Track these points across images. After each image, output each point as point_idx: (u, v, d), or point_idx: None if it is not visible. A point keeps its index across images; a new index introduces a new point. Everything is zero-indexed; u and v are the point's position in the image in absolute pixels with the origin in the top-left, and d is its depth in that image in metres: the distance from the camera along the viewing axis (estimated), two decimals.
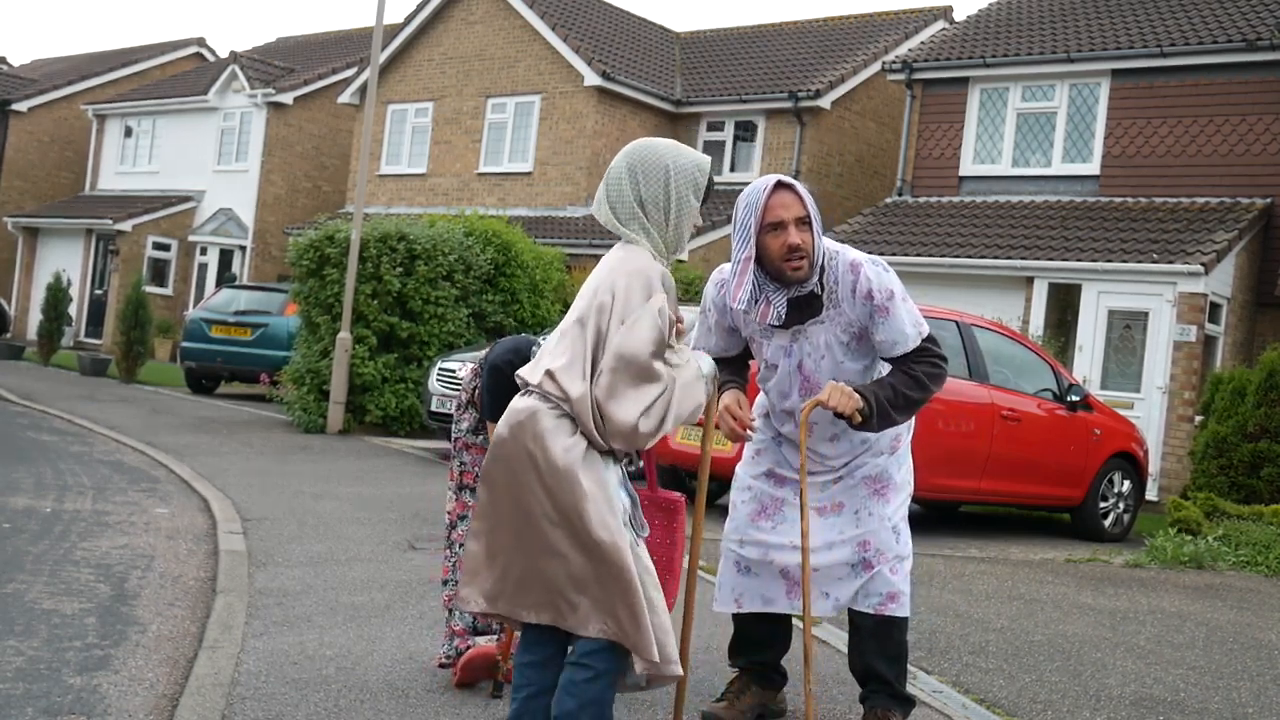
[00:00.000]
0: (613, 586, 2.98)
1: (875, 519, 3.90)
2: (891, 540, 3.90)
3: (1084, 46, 16.21)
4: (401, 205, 22.87)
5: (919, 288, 14.65)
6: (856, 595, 3.89)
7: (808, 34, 23.26)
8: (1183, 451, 12.95)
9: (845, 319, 3.77)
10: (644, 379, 3.00)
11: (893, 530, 3.91)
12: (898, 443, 4.00)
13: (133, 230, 26.23)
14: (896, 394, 3.68)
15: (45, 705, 3.84)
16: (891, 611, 3.87)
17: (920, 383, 3.73)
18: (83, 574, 5.75)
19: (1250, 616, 7.07)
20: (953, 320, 9.38)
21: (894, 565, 3.89)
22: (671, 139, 3.43)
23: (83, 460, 9.76)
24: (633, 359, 2.99)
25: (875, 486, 3.94)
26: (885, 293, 3.70)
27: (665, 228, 3.22)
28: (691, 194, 3.24)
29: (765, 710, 4.12)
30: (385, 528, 7.45)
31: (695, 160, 3.28)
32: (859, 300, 3.72)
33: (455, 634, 4.29)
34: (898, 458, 4.00)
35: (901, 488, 3.99)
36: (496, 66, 22.13)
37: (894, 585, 3.87)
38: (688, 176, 3.24)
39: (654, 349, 3.02)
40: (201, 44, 32.55)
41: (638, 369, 3.00)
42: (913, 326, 3.74)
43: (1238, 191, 14.89)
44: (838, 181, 20.94)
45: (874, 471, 3.94)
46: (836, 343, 3.81)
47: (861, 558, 3.88)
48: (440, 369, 11.31)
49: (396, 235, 13.01)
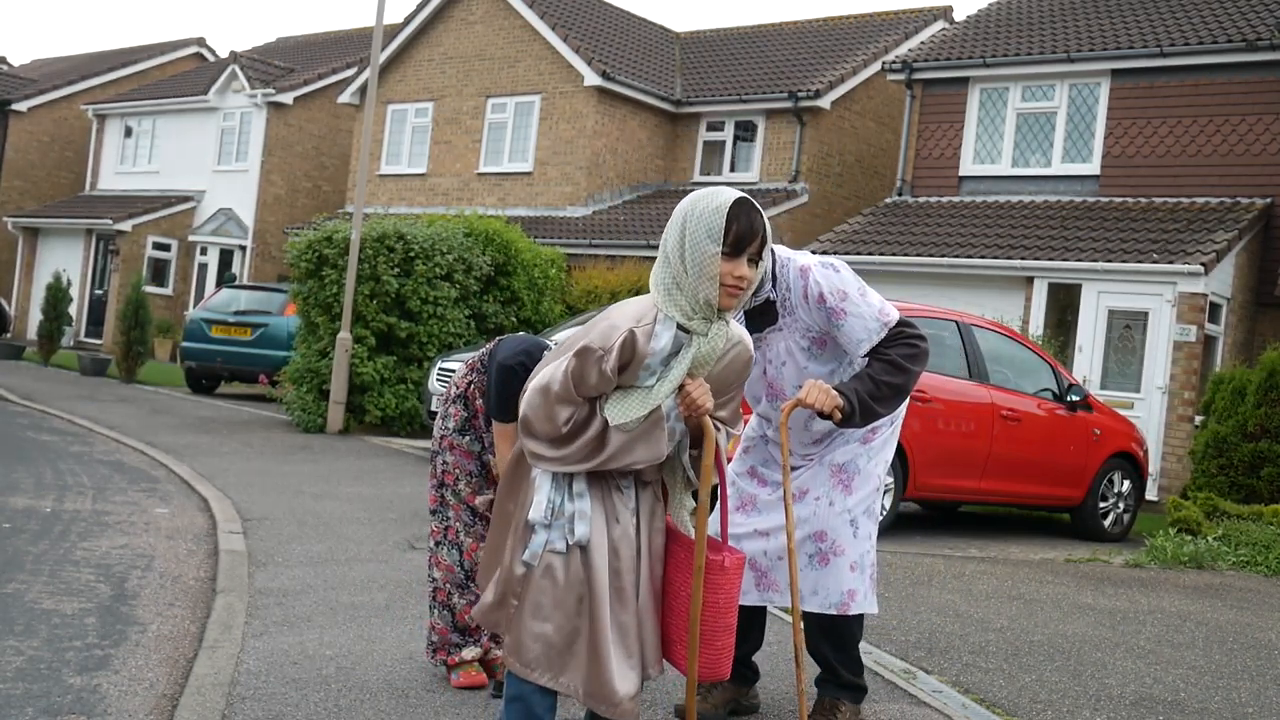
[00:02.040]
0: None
1: (834, 510, 3.88)
2: (849, 533, 3.88)
3: (1084, 46, 16.21)
4: (401, 205, 22.87)
5: (919, 288, 14.67)
6: (815, 595, 3.87)
7: (808, 34, 23.26)
8: (1183, 451, 12.95)
9: (802, 324, 3.78)
10: (537, 406, 2.98)
11: (850, 523, 3.88)
12: (873, 434, 3.95)
13: (133, 230, 26.23)
14: (877, 385, 3.62)
15: (45, 705, 3.84)
16: (850, 610, 3.87)
17: (898, 366, 3.66)
18: (83, 574, 5.75)
19: (1250, 616, 7.07)
20: (953, 320, 9.38)
21: (853, 561, 3.88)
22: (711, 187, 3.08)
23: (83, 460, 9.76)
24: (532, 388, 2.99)
25: (841, 476, 3.91)
26: (838, 294, 3.68)
27: (685, 276, 2.92)
28: (707, 239, 2.90)
29: (738, 705, 4.14)
30: (385, 528, 7.45)
31: (716, 203, 2.95)
32: (813, 305, 3.72)
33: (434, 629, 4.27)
34: (870, 448, 3.94)
35: (869, 478, 3.93)
36: (496, 66, 22.13)
37: (851, 583, 3.86)
38: (703, 221, 2.93)
39: (547, 385, 2.95)
40: (201, 44, 32.55)
41: (530, 395, 3.00)
42: (875, 319, 3.69)
43: (1238, 191, 14.89)
44: (838, 181, 20.94)
45: (842, 459, 3.91)
46: (797, 348, 3.82)
47: (817, 549, 3.87)
48: (440, 369, 11.31)
49: (394, 235, 13.00)
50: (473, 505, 4.27)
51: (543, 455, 2.96)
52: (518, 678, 2.98)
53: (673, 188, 21.59)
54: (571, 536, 2.94)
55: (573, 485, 2.98)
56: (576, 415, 2.93)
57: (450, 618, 4.23)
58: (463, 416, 4.25)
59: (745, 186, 19.64)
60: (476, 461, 4.25)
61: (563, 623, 2.92)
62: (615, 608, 2.95)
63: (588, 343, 2.90)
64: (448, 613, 4.23)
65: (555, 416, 2.92)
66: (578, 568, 2.94)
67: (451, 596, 4.24)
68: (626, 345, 2.88)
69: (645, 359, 2.91)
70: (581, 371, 2.89)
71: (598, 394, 2.94)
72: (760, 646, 4.18)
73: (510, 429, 4.04)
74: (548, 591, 2.93)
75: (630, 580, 2.98)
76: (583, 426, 2.94)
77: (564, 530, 2.95)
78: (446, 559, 4.26)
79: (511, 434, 4.05)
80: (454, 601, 4.23)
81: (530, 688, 2.97)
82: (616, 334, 2.88)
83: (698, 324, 2.93)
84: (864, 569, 3.91)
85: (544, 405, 2.93)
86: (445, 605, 4.24)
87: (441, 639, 4.25)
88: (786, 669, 4.72)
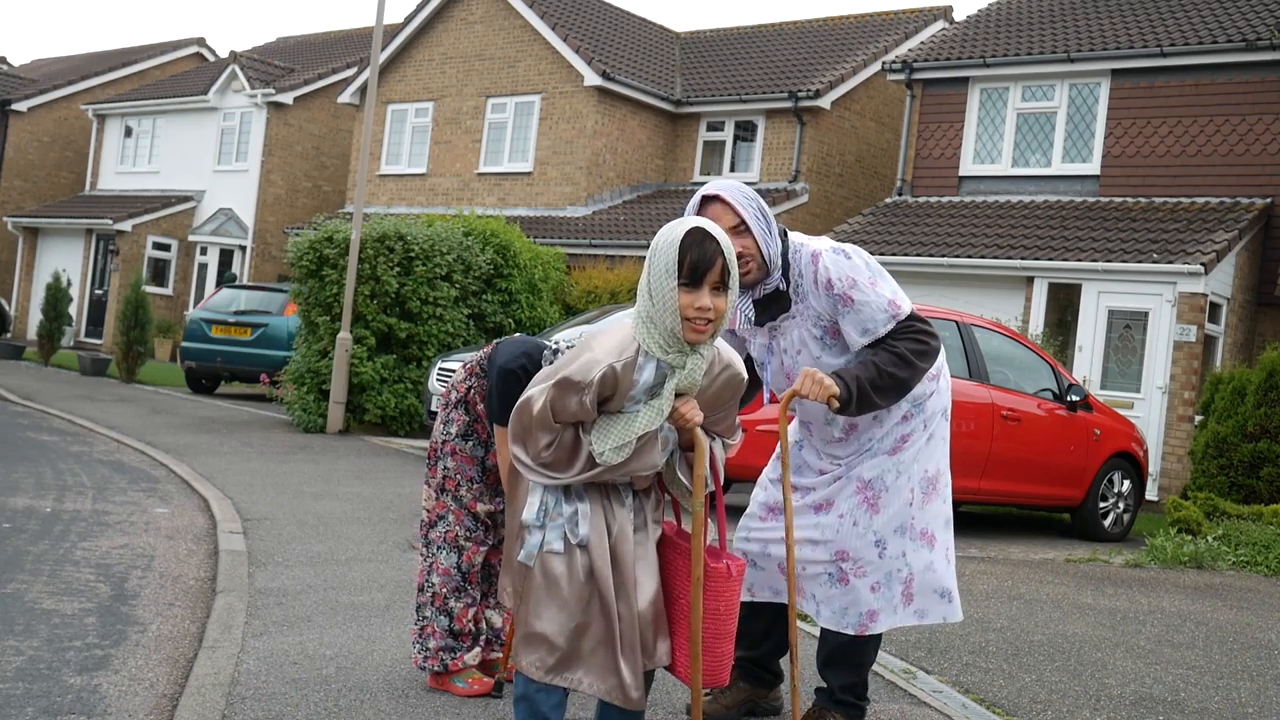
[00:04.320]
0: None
1: (859, 530, 3.76)
2: (873, 554, 3.76)
3: (1084, 46, 16.21)
4: (402, 205, 22.88)
5: (919, 288, 14.66)
6: (835, 614, 3.78)
7: (808, 34, 23.26)
8: (1183, 451, 12.95)
9: (813, 312, 3.71)
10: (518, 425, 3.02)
11: (875, 544, 3.75)
12: (903, 443, 3.80)
13: (133, 230, 26.24)
14: (880, 373, 3.55)
15: (45, 705, 3.84)
16: (868, 631, 3.78)
17: (905, 359, 3.59)
18: (83, 574, 5.75)
19: (1250, 616, 7.07)
20: (953, 320, 9.38)
21: (876, 581, 3.76)
22: (681, 217, 3.09)
23: (83, 460, 9.76)
24: (516, 407, 3.02)
25: (866, 494, 3.78)
26: (846, 281, 3.62)
27: (654, 310, 2.91)
28: (664, 273, 2.89)
29: (756, 707, 4.11)
30: (385, 528, 7.45)
31: (672, 236, 2.93)
32: (821, 291, 3.66)
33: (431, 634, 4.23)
34: (899, 461, 3.79)
35: (897, 494, 3.77)
36: (496, 66, 22.13)
37: (872, 603, 3.76)
38: (662, 256, 2.92)
39: (525, 408, 2.98)
40: (201, 44, 32.57)
41: (514, 418, 3.03)
42: (883, 310, 3.62)
43: (1238, 191, 14.89)
44: (838, 181, 20.94)
45: (869, 475, 3.78)
46: (810, 337, 3.75)
47: (839, 568, 3.77)
48: (440, 369, 11.32)
49: (394, 235, 13.00)
50: (474, 512, 4.25)
51: (534, 470, 2.99)
52: (525, 677, 2.99)
53: (673, 188, 21.59)
54: (575, 535, 2.95)
55: (570, 488, 3.01)
56: (560, 440, 2.95)
57: (447, 622, 4.22)
58: (465, 421, 4.22)
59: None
60: (478, 467, 4.23)
61: (566, 621, 2.94)
62: (619, 602, 2.97)
63: (568, 374, 2.91)
64: (444, 617, 4.22)
65: (536, 440, 2.96)
66: (579, 567, 2.95)
67: (449, 601, 4.22)
68: (607, 380, 2.89)
69: (629, 390, 2.93)
70: (561, 401, 2.92)
71: (574, 422, 2.96)
72: (784, 653, 4.07)
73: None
74: (549, 592, 2.96)
75: (629, 576, 3.00)
76: (572, 450, 2.95)
77: (561, 531, 2.97)
78: (445, 563, 4.25)
79: None
80: (451, 606, 4.22)
81: (536, 686, 2.98)
82: (596, 369, 2.89)
83: (674, 358, 2.92)
84: (892, 587, 3.76)
85: (526, 426, 2.98)
86: (443, 610, 4.22)
87: (441, 643, 4.24)
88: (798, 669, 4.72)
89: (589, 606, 2.95)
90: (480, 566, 4.25)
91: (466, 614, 4.21)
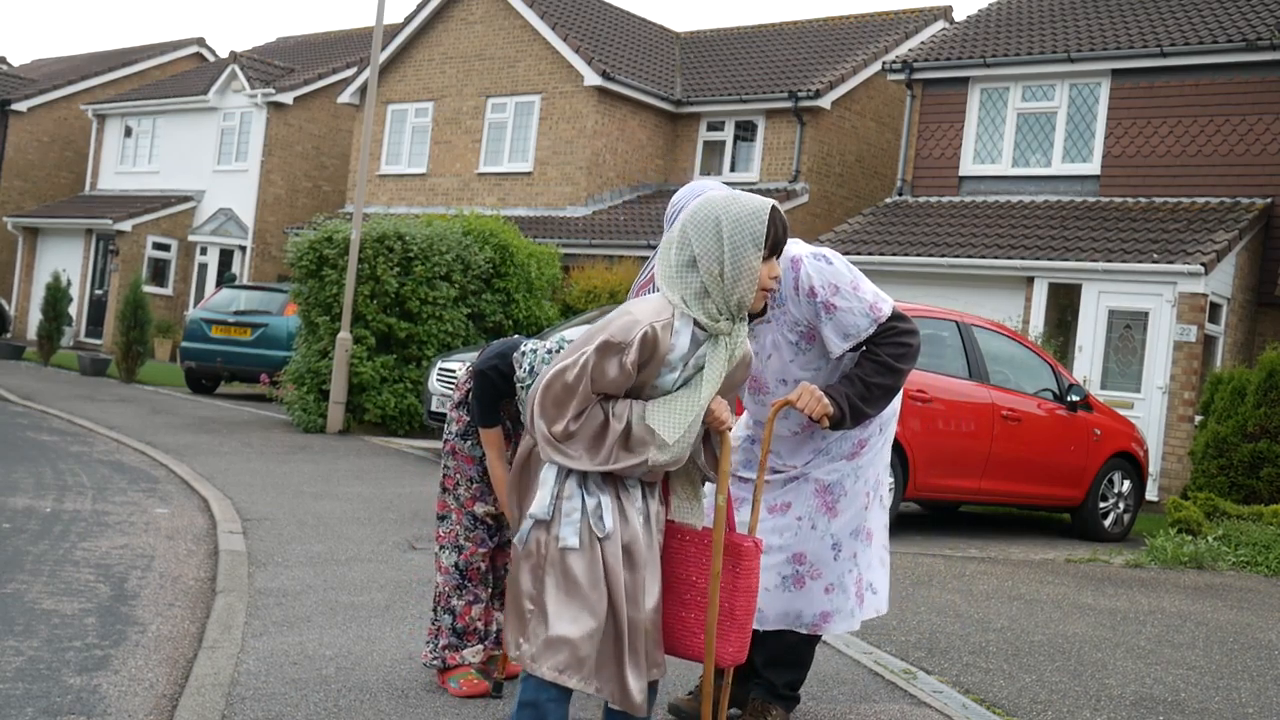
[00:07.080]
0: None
1: (817, 533, 3.77)
2: (829, 556, 3.77)
3: (1084, 46, 16.21)
4: (402, 205, 22.87)
5: (919, 288, 14.67)
6: (787, 615, 3.77)
7: (808, 34, 23.26)
8: (1183, 451, 12.95)
9: (791, 318, 3.67)
10: (548, 398, 2.96)
11: (832, 546, 3.77)
12: (860, 448, 3.81)
13: (133, 230, 26.23)
14: (868, 387, 3.55)
15: (45, 705, 3.84)
16: (821, 630, 3.81)
17: (888, 367, 3.59)
18: (83, 574, 5.74)
19: (1250, 616, 7.07)
20: (953, 320, 9.39)
21: (830, 583, 3.77)
22: (728, 189, 3.13)
23: (83, 460, 9.76)
24: (544, 383, 2.95)
25: (825, 498, 3.79)
26: (829, 288, 3.58)
27: (721, 281, 2.93)
28: (751, 245, 2.94)
29: None
30: (385, 528, 7.45)
31: (753, 208, 2.98)
32: (803, 298, 3.62)
33: (439, 633, 4.26)
34: (857, 465, 3.81)
35: (855, 498, 3.81)
36: (496, 66, 22.13)
37: (825, 604, 3.77)
38: (744, 227, 2.95)
39: (562, 376, 2.93)
40: (201, 44, 32.56)
41: (541, 390, 2.97)
42: (865, 315, 3.60)
43: (1238, 191, 14.88)
44: (838, 181, 20.94)
45: (828, 479, 3.79)
46: (785, 342, 3.71)
47: (795, 570, 3.76)
48: (440, 369, 11.32)
49: (394, 235, 13.00)
50: (473, 511, 4.27)
51: (555, 447, 2.93)
52: (537, 683, 2.92)
53: (673, 188, 21.58)
54: (601, 529, 2.93)
55: (588, 480, 2.96)
56: (591, 413, 2.91)
57: (450, 620, 4.23)
58: (466, 421, 4.25)
59: (745, 186, 19.62)
60: (478, 467, 4.26)
61: (589, 623, 2.89)
62: (630, 605, 2.94)
63: (608, 336, 2.89)
64: (448, 616, 4.24)
65: (565, 411, 2.90)
66: (599, 564, 2.91)
67: (451, 599, 4.24)
68: (648, 341, 2.88)
69: (665, 355, 2.92)
70: (601, 366, 2.87)
71: (613, 391, 2.92)
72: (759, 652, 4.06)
73: (495, 434, 4.05)
74: (570, 593, 2.90)
75: (641, 579, 2.97)
76: (599, 432, 2.94)
77: (577, 526, 2.92)
78: (445, 561, 4.28)
79: (496, 440, 4.06)
80: (454, 604, 4.24)
81: (549, 694, 2.91)
82: (637, 329, 2.88)
83: (724, 324, 2.96)
84: (845, 589, 3.79)
85: (556, 395, 2.91)
86: (447, 609, 4.24)
87: (445, 640, 4.26)
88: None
89: (603, 609, 2.91)
90: (486, 567, 4.27)
91: (470, 611, 4.22)
